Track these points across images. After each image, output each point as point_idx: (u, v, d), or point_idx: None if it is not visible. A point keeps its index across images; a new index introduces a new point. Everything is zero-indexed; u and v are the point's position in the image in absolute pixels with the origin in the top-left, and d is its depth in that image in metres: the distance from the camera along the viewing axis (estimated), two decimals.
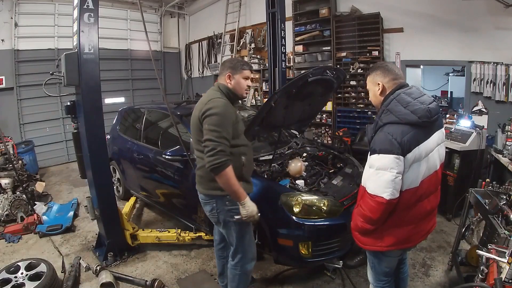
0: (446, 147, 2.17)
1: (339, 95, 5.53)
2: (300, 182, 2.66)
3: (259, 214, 1.86)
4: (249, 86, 1.98)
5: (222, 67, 1.98)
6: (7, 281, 2.32)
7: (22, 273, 2.41)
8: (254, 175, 2.57)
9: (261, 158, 2.96)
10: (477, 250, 1.64)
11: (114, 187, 4.19)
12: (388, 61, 5.03)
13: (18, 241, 3.35)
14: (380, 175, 1.42)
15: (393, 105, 1.47)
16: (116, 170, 4.24)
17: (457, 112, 4.12)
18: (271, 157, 2.89)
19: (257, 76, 6.76)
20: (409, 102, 1.45)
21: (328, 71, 2.63)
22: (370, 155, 1.50)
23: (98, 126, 2.69)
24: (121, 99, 7.23)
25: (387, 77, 1.57)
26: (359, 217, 1.59)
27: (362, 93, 5.25)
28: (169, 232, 3.06)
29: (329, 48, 5.45)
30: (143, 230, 3.17)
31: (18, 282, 2.32)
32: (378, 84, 1.58)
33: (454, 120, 3.70)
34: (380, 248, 1.61)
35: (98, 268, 2.67)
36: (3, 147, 4.11)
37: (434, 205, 1.65)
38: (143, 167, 3.65)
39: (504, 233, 1.75)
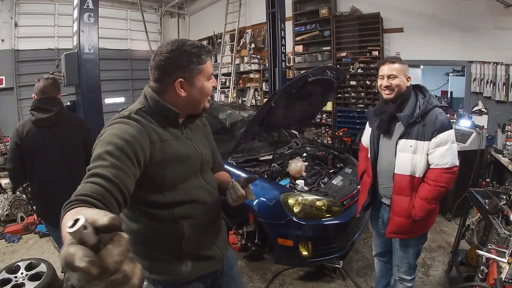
0: None
1: (339, 95, 5.53)
2: (300, 182, 2.65)
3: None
4: (215, 88, 1.13)
5: (158, 62, 1.04)
6: (7, 281, 2.32)
7: (22, 273, 2.40)
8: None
9: (261, 158, 2.96)
10: (477, 250, 1.65)
11: None
12: None
13: (18, 241, 3.34)
14: (454, 147, 1.63)
15: (430, 93, 1.74)
16: None
17: (457, 112, 4.11)
18: (271, 157, 2.89)
19: (257, 76, 6.77)
20: None
21: (328, 71, 2.64)
22: (437, 135, 1.60)
23: (98, 126, 2.70)
24: (121, 99, 7.20)
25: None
26: (428, 201, 1.63)
27: (362, 93, 5.25)
28: None
29: (329, 48, 5.45)
30: None
31: (18, 282, 2.31)
32: (409, 77, 1.73)
33: (454, 120, 3.69)
34: (430, 225, 1.81)
35: None
36: (3, 147, 4.11)
37: None
38: None
39: (504, 233, 1.75)
